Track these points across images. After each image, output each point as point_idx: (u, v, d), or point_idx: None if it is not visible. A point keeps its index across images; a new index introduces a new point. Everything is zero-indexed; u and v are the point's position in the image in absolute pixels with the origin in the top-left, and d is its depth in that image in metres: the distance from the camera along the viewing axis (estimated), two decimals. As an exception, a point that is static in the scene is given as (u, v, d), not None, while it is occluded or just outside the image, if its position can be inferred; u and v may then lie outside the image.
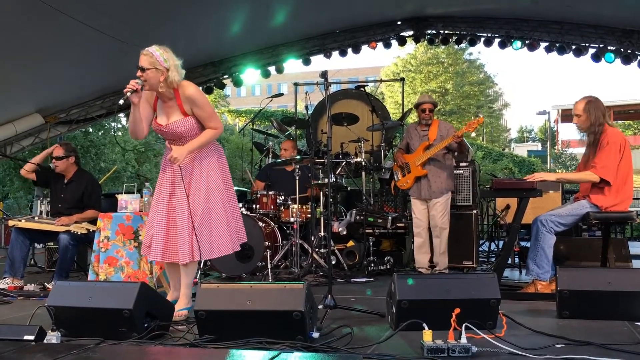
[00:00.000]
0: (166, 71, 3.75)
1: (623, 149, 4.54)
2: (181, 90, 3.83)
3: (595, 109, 4.61)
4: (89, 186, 5.78)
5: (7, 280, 5.33)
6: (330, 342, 3.02)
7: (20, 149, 10.09)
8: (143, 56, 3.78)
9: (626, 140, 4.66)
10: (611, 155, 4.50)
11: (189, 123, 3.86)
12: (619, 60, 8.89)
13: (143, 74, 3.74)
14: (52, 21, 6.54)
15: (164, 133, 3.95)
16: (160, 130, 3.94)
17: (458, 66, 35.01)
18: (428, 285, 3.35)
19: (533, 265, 4.58)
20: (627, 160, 4.57)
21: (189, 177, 3.92)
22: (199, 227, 3.84)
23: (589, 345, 2.87)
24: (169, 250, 3.91)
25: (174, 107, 3.87)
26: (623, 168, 4.53)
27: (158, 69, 3.74)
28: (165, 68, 3.75)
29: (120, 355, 2.82)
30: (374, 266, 6.26)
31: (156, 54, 3.75)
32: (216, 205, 3.95)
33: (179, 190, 3.91)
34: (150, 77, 3.74)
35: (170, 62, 3.77)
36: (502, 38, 9.52)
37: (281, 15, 8.51)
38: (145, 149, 21.62)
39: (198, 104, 3.84)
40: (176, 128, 3.86)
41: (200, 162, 3.95)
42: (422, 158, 5.88)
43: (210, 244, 3.91)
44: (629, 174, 4.58)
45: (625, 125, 40.32)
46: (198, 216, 3.84)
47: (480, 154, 26.34)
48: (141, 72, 3.75)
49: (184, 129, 3.85)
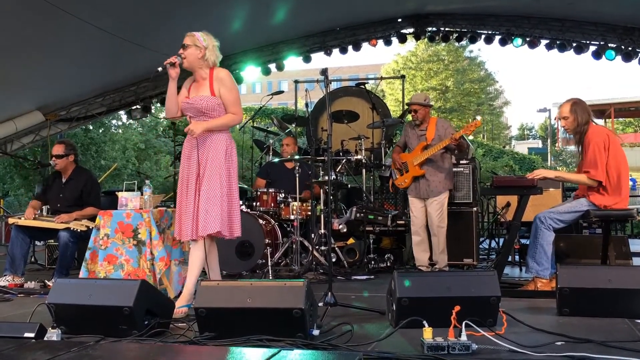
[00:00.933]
0: (204, 49, 4.11)
1: (607, 144, 4.55)
2: (215, 71, 4.17)
3: (582, 110, 4.67)
4: (88, 183, 5.78)
5: (7, 278, 5.33)
6: (331, 339, 3.02)
7: (20, 147, 10.11)
8: (186, 37, 4.13)
9: (609, 135, 4.65)
10: (596, 156, 4.51)
11: (213, 101, 4.10)
12: (620, 58, 8.89)
13: (184, 51, 4.09)
14: (52, 19, 6.54)
15: (188, 107, 4.16)
16: (186, 104, 4.17)
17: (459, 63, 34.97)
18: (428, 283, 3.35)
19: (532, 263, 4.58)
20: (615, 155, 4.56)
21: (203, 159, 4.08)
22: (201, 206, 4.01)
23: (589, 343, 2.87)
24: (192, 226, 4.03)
25: (205, 86, 4.16)
26: (613, 164, 4.54)
27: (197, 46, 4.10)
28: (203, 46, 4.11)
29: (121, 353, 2.82)
30: (374, 264, 6.26)
31: (197, 35, 4.13)
32: (212, 187, 4.03)
33: (195, 172, 4.09)
34: (190, 53, 4.09)
35: (208, 42, 4.14)
36: (502, 35, 9.52)
37: (281, 12, 8.50)
38: (146, 146, 21.62)
39: (227, 85, 4.14)
40: (200, 101, 4.11)
41: (210, 144, 4.10)
42: (420, 158, 5.87)
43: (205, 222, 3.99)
44: (622, 169, 4.58)
45: (626, 123, 40.34)
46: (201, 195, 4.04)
47: (481, 152, 26.32)
48: (182, 49, 4.10)
49: (205, 104, 4.09)
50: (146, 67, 9.27)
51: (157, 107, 15.24)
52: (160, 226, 4.67)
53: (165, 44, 8.31)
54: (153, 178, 17.84)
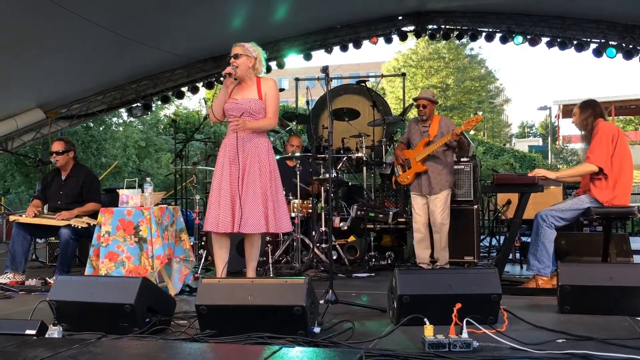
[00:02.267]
0: (254, 59, 4.42)
1: (616, 139, 4.59)
2: (263, 79, 4.51)
3: (588, 107, 4.78)
4: (88, 179, 5.78)
5: (8, 275, 5.34)
6: (332, 337, 3.02)
7: (21, 144, 10.12)
8: (236, 47, 4.42)
9: (619, 131, 4.73)
10: (602, 144, 4.55)
11: (260, 105, 4.42)
12: (621, 56, 8.87)
13: (236, 60, 4.37)
14: (53, 17, 6.54)
15: (235, 107, 4.41)
16: (233, 104, 4.42)
17: (459, 61, 34.89)
18: (429, 280, 3.35)
19: (534, 261, 4.59)
20: (622, 151, 4.60)
21: (247, 158, 4.37)
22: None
23: (590, 340, 2.87)
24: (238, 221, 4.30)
25: (252, 90, 4.46)
26: (618, 158, 4.56)
27: (249, 57, 4.40)
28: (254, 57, 4.42)
29: (122, 350, 2.82)
30: (375, 261, 6.26)
31: (247, 45, 4.43)
32: (262, 185, 4.39)
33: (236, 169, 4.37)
34: (242, 62, 4.38)
35: (258, 53, 4.46)
36: (503, 33, 9.50)
37: (282, 10, 8.50)
38: (147, 144, 21.62)
39: (273, 92, 4.47)
40: (249, 103, 4.40)
41: (256, 145, 4.42)
42: (422, 154, 5.88)
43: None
44: (626, 164, 4.60)
45: (627, 121, 40.27)
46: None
47: (482, 150, 26.33)
48: (234, 58, 4.38)
49: (254, 106, 4.40)
50: (147, 65, 9.27)
51: (158, 105, 15.26)
52: (163, 224, 4.67)
53: (166, 42, 8.34)
54: (154, 176, 17.85)
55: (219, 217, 4.30)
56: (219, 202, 4.33)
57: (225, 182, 4.36)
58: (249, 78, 4.46)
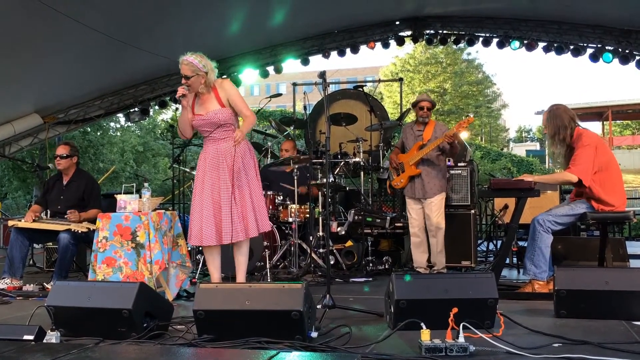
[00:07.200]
0: (205, 75, 4.32)
1: (600, 148, 4.60)
2: (218, 85, 4.40)
3: (555, 117, 4.74)
4: (89, 185, 5.80)
5: (6, 281, 5.33)
6: (329, 341, 3.03)
7: (18, 149, 10.08)
8: (184, 66, 4.30)
9: (599, 138, 4.75)
10: (588, 156, 4.55)
11: (227, 112, 4.37)
12: (617, 60, 8.90)
13: (188, 81, 4.29)
14: (50, 22, 6.54)
15: (203, 123, 4.38)
16: (200, 121, 4.39)
17: (456, 66, 34.97)
18: (426, 285, 3.36)
19: (530, 265, 4.60)
20: (606, 159, 4.61)
21: (237, 165, 4.36)
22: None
23: (586, 345, 2.89)
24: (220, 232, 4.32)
25: (211, 100, 4.40)
26: (606, 168, 4.57)
27: (199, 75, 4.30)
28: (204, 72, 4.31)
29: (120, 355, 2.82)
30: (373, 266, 6.26)
31: (195, 62, 4.28)
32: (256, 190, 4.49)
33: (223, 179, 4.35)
34: (193, 82, 4.31)
35: (207, 66, 4.33)
36: (500, 38, 9.53)
37: (280, 14, 8.51)
38: (144, 149, 21.62)
39: (232, 93, 4.40)
40: (215, 115, 4.34)
41: (239, 151, 4.38)
42: (415, 157, 5.89)
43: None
44: (612, 173, 4.61)
45: (624, 125, 40.38)
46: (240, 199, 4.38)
47: (479, 154, 26.35)
48: (185, 79, 4.29)
49: (222, 117, 4.34)
50: (144, 70, 9.27)
51: (155, 110, 15.24)
52: (161, 229, 4.67)
53: (164, 46, 8.35)
54: (151, 181, 17.85)
55: (202, 231, 4.31)
56: (202, 214, 4.33)
57: (207, 192, 4.35)
58: (206, 91, 4.41)
